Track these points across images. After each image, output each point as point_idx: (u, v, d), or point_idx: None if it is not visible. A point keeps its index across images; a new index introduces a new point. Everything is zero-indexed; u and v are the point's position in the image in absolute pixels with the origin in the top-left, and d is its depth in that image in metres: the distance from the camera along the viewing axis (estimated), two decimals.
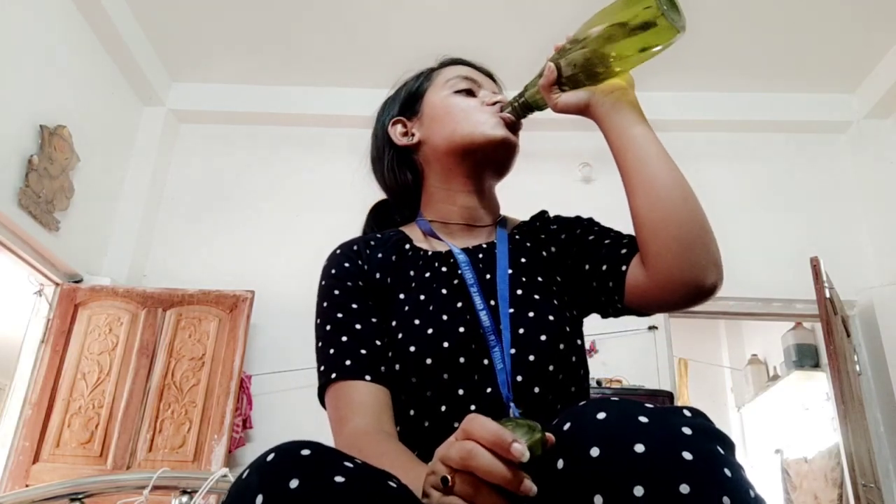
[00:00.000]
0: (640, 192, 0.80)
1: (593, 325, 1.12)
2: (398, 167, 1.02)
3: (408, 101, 1.04)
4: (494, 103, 0.97)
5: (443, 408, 0.81)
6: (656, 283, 0.79)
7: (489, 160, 0.97)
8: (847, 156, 3.66)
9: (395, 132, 1.02)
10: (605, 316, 0.92)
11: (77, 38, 3.15)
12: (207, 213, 3.63)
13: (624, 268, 0.84)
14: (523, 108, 0.94)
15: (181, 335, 3.01)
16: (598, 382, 3.10)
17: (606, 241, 0.89)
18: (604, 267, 0.86)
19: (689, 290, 0.77)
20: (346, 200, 1.11)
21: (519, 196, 1.19)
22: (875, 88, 3.50)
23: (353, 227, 1.11)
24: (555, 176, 3.62)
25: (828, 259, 2.99)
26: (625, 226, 0.88)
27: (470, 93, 0.99)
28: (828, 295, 2.85)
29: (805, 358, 4.16)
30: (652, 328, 3.29)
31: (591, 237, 0.92)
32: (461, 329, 0.84)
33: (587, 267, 0.89)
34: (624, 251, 0.86)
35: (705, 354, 5.29)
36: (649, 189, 0.79)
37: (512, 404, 0.78)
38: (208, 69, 3.73)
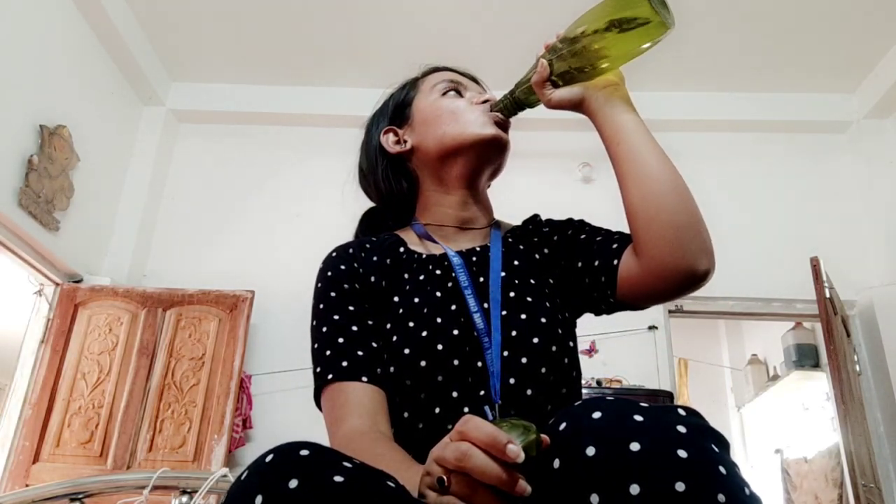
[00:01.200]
0: (633, 182, 0.82)
1: (593, 324, 1.12)
2: (393, 176, 1.02)
3: (396, 110, 1.05)
4: (483, 102, 0.98)
5: (437, 410, 0.81)
6: (650, 272, 0.80)
7: (481, 159, 0.98)
8: (847, 156, 3.66)
9: (388, 141, 1.03)
10: (598, 314, 0.93)
11: (77, 38, 3.15)
12: (207, 212, 3.63)
13: (616, 262, 0.85)
14: (514, 105, 0.95)
15: (181, 335, 3.01)
16: (599, 382, 3.10)
17: (598, 239, 0.91)
18: (596, 262, 0.87)
19: (683, 277, 0.78)
20: (346, 200, 1.11)
21: (519, 196, 1.20)
22: (875, 88, 3.50)
23: (353, 227, 1.11)
24: (555, 176, 3.62)
25: (828, 259, 2.98)
26: (624, 225, 0.88)
27: (457, 94, 1.01)
28: (828, 295, 2.85)
29: (805, 358, 4.16)
30: (652, 328, 3.28)
31: (582, 236, 0.93)
32: (455, 331, 0.84)
33: (579, 264, 0.90)
34: (615, 246, 0.87)
35: (705, 354, 5.29)
36: (642, 178, 0.81)
37: (486, 407, 0.78)
38: (208, 69, 3.73)
